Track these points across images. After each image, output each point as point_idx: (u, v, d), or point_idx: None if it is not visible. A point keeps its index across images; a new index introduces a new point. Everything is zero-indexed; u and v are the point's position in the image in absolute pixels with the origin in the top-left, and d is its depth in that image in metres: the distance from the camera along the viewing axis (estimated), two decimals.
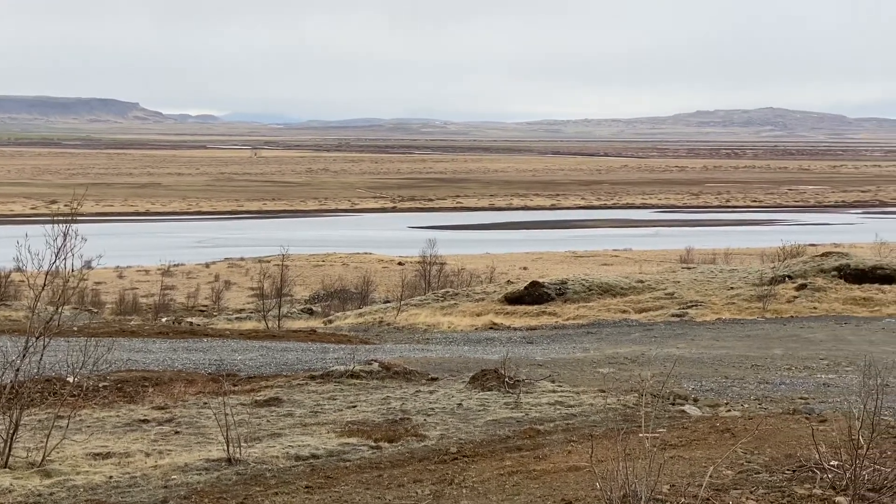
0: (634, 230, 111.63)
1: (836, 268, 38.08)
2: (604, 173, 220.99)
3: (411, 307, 38.48)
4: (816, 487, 10.58)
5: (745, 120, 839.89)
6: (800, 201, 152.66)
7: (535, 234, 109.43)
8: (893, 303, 34.16)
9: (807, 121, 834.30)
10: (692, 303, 35.66)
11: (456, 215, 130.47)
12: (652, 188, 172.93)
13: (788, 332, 27.46)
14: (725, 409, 15.58)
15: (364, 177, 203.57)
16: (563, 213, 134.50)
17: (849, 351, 22.61)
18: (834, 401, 15.97)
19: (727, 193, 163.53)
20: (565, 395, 16.52)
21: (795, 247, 52.43)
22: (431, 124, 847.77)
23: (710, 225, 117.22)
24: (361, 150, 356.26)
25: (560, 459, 12.24)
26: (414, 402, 16.05)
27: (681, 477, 10.98)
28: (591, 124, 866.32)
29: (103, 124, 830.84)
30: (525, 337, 28.35)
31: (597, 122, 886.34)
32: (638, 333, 28.10)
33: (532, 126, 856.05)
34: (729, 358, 21.96)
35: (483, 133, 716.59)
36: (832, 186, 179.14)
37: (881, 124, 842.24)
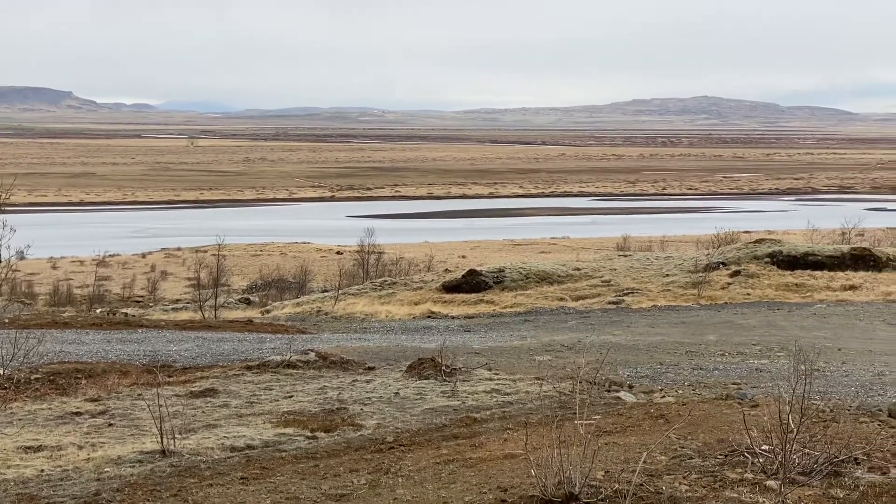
0: (572, 218, 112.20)
1: (769, 254, 38.58)
2: (541, 162, 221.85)
3: (349, 296, 38.39)
4: (748, 472, 10.72)
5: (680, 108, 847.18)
6: (734, 189, 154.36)
7: (474, 222, 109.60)
8: (825, 288, 34.68)
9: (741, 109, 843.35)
10: (628, 290, 35.95)
11: (394, 204, 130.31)
12: (589, 176, 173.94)
13: (722, 318, 27.76)
14: (660, 396, 15.74)
15: (302, 166, 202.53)
16: (502, 202, 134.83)
17: (781, 336, 22.91)
18: (766, 386, 16.18)
19: (663, 181, 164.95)
20: (502, 383, 16.59)
21: (729, 234, 53.09)
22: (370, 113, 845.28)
23: (647, 213, 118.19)
24: (299, 140, 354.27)
25: (496, 447, 12.29)
26: (351, 391, 16.02)
27: (615, 463, 11.07)
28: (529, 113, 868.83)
29: (36, 113, 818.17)
30: (463, 325, 28.38)
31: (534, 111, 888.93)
32: (575, 321, 28.25)
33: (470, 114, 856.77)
34: (664, 344, 22.16)
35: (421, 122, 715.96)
36: (766, 174, 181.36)
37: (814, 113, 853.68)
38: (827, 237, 57.28)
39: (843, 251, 39.19)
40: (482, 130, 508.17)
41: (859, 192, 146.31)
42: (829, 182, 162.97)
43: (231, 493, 10.62)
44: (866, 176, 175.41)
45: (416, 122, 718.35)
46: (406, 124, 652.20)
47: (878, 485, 10.28)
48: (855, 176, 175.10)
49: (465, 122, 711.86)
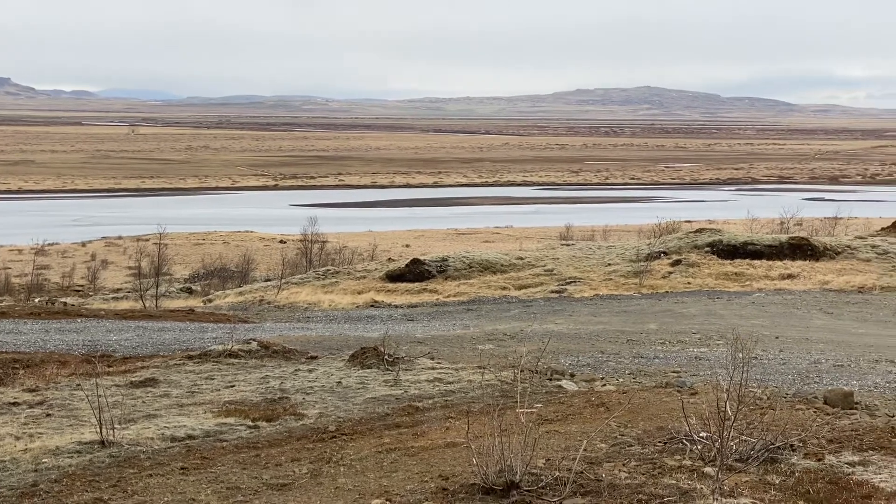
0: (516, 207, 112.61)
1: (710, 244, 39.00)
2: (485, 151, 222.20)
3: (292, 285, 38.26)
4: (686, 459, 10.84)
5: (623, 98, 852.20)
6: (676, 179, 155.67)
7: (418, 211, 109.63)
8: (763, 277, 35.11)
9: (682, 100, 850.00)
10: (571, 279, 36.17)
11: (338, 193, 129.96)
12: (533, 166, 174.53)
13: (663, 307, 28.01)
14: (601, 384, 15.85)
15: (245, 154, 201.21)
16: (445, 191, 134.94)
17: (720, 325, 23.16)
18: (705, 374, 16.35)
19: (606, 171, 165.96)
20: (444, 372, 16.62)
21: (671, 223, 53.60)
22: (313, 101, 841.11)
23: (590, 202, 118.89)
24: (242, 128, 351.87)
25: (438, 436, 12.32)
26: (293, 380, 15.98)
27: (556, 451, 11.15)
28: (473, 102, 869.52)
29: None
30: (406, 314, 28.39)
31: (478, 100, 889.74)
32: (517, 310, 28.36)
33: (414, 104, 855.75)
34: (605, 333, 22.32)
35: (365, 111, 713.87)
36: (707, 164, 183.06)
37: (753, 103, 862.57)
38: (766, 227, 58.02)
39: (781, 241, 39.70)
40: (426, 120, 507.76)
41: (798, 183, 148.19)
42: (768, 172, 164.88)
43: (171, 483, 10.56)
44: (805, 166, 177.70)
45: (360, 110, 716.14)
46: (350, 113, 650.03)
47: (814, 471, 10.44)
48: (794, 166, 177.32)
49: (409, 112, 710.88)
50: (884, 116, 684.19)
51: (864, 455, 11.09)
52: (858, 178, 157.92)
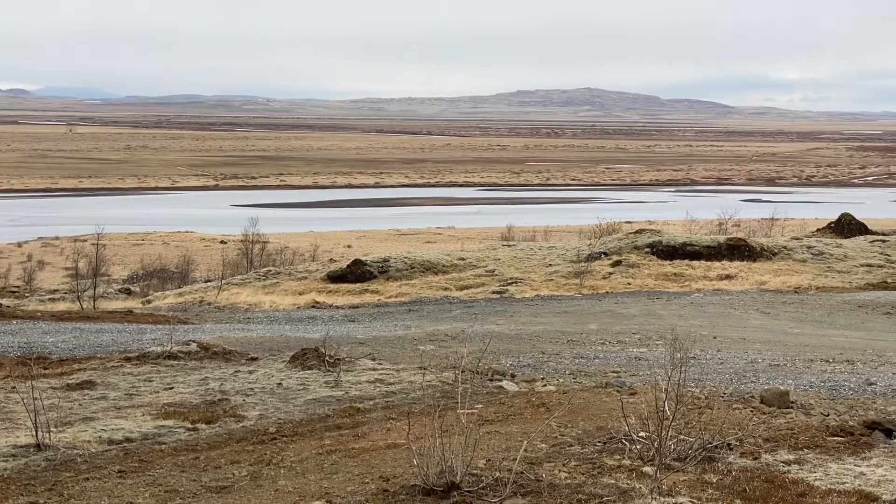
0: (458, 208, 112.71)
1: (649, 244, 39.32)
2: (427, 151, 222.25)
3: (233, 286, 38.00)
4: (625, 458, 10.92)
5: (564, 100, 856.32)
6: (616, 180, 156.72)
7: (360, 212, 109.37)
8: (702, 278, 35.48)
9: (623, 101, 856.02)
10: (512, 280, 36.29)
11: (280, 193, 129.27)
12: (474, 166, 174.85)
13: (604, 307, 28.20)
14: (542, 384, 15.92)
15: (185, 154, 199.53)
16: (387, 192, 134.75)
17: (659, 325, 23.37)
18: (644, 374, 16.49)
19: (547, 172, 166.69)
20: (386, 373, 16.61)
21: (611, 224, 53.96)
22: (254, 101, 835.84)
23: (531, 203, 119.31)
24: (182, 127, 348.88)
25: (379, 437, 12.31)
26: (233, 382, 15.88)
27: (497, 451, 11.18)
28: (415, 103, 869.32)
29: None
30: (347, 315, 28.34)
31: (420, 101, 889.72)
32: (459, 310, 28.42)
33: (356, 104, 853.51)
34: (546, 334, 22.43)
35: (306, 111, 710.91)
36: (647, 165, 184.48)
37: (692, 105, 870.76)
38: (705, 227, 58.63)
39: (719, 241, 40.13)
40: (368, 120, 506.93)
41: (736, 184, 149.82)
42: (707, 174, 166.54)
43: (108, 486, 10.44)
44: (742, 168, 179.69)
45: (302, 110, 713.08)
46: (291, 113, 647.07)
47: (750, 469, 10.57)
48: (732, 168, 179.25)
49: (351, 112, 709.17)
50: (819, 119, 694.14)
51: (799, 454, 11.25)
52: (794, 179, 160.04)
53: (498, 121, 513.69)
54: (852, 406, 14.04)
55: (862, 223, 48.82)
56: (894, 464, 10.96)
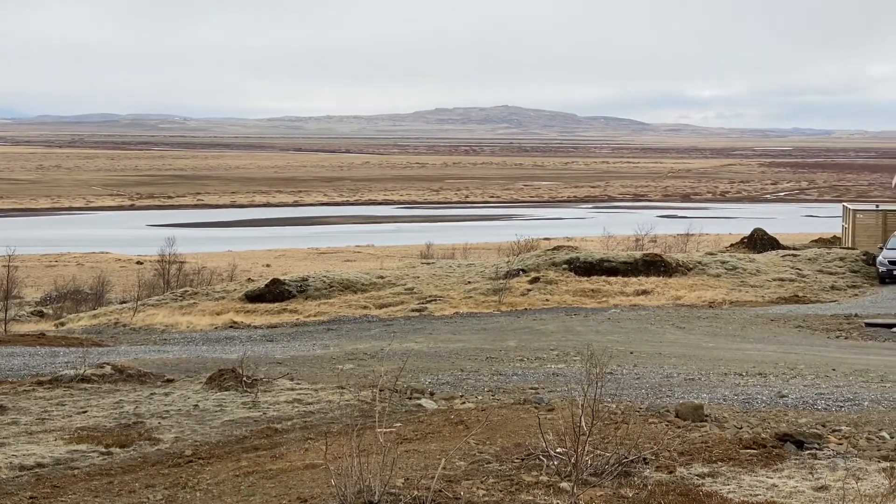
0: (377, 226, 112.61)
1: (567, 261, 39.65)
2: (346, 170, 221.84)
3: (149, 307, 37.55)
4: (543, 474, 10.98)
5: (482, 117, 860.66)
6: (535, 197, 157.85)
7: (279, 231, 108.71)
8: (619, 294, 35.86)
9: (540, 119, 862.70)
10: (431, 297, 36.34)
11: (197, 213, 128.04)
12: (393, 184, 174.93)
13: (522, 324, 28.37)
14: (460, 402, 15.95)
15: (100, 174, 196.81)
16: (306, 210, 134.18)
17: (577, 341, 23.56)
18: (562, 390, 16.59)
19: (466, 189, 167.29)
20: (304, 393, 16.52)
21: (530, 241, 54.30)
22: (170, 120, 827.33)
23: (451, 220, 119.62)
24: (97, 147, 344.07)
25: (297, 458, 12.23)
26: (148, 404, 15.67)
27: (415, 470, 11.17)
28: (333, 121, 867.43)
29: None
30: (266, 335, 28.16)
31: (338, 119, 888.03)
32: (378, 329, 28.39)
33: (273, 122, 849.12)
34: (465, 351, 22.49)
35: (224, 129, 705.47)
36: (564, 182, 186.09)
37: (609, 122, 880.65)
38: (622, 244, 59.29)
39: (636, 257, 40.61)
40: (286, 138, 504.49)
41: (652, 200, 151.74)
42: (623, 190, 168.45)
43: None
44: (658, 184, 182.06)
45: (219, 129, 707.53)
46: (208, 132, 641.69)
47: (665, 483, 10.69)
48: (648, 184, 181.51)
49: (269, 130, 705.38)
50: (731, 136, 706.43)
51: (713, 467, 11.40)
52: (709, 195, 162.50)
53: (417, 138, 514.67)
54: (765, 418, 14.28)
55: (774, 238, 49.79)
56: (805, 475, 11.16)
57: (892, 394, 16.50)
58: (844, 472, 11.11)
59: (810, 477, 11.07)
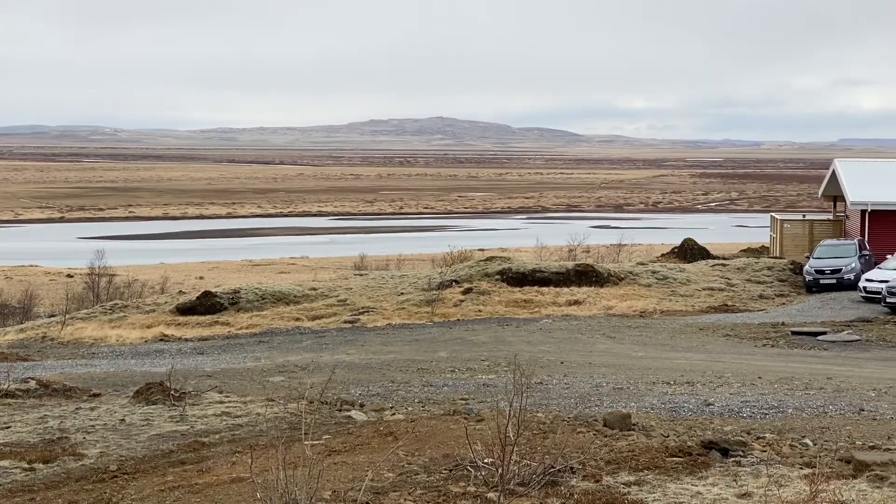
0: (311, 238, 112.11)
1: (500, 271, 39.75)
2: (280, 181, 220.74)
3: (78, 321, 37.03)
4: (470, 485, 11.00)
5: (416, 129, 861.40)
6: (469, 207, 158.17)
7: (212, 242, 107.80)
8: (551, 304, 36.03)
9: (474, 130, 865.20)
10: (364, 309, 36.26)
11: (128, 225, 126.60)
12: (328, 196, 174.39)
13: (454, 335, 28.41)
14: (390, 413, 15.94)
15: (29, 186, 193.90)
16: (240, 222, 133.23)
17: (508, 351, 23.64)
18: (492, 400, 16.64)
19: (401, 201, 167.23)
20: (233, 406, 16.41)
21: (463, 252, 54.34)
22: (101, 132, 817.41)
23: (385, 231, 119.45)
24: (26, 159, 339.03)
25: (224, 471, 12.13)
26: (74, 419, 15.46)
27: (343, 482, 11.13)
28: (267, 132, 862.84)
29: None
30: (196, 348, 27.92)
31: (272, 131, 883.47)
32: (310, 341, 28.28)
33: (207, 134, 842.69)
34: (397, 362, 22.48)
35: (156, 141, 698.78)
36: (499, 193, 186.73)
37: (543, 134, 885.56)
38: (555, 254, 59.61)
39: (568, 268, 40.83)
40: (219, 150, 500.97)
41: (585, 211, 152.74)
42: (557, 201, 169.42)
43: None
44: (591, 195, 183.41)
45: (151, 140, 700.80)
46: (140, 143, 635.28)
47: (592, 492, 10.76)
48: (581, 195, 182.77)
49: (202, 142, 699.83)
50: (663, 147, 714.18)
51: (639, 475, 11.50)
52: (641, 206, 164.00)
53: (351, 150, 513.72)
54: (691, 427, 14.44)
55: (704, 248, 50.34)
56: (729, 482, 11.30)
57: (816, 401, 16.78)
58: (767, 479, 11.27)
59: (734, 484, 11.21)
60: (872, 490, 10.94)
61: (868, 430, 14.42)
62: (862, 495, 10.69)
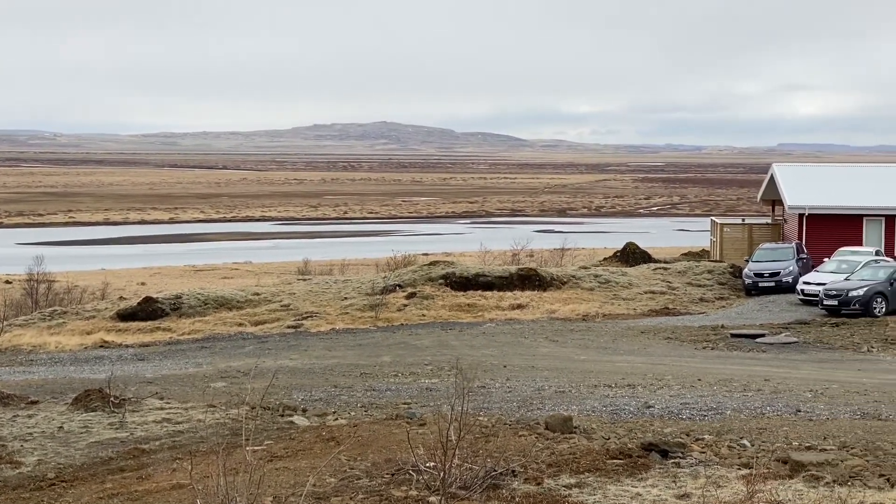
0: (255, 243, 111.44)
1: (443, 276, 39.81)
2: (223, 186, 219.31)
3: (15, 328, 36.55)
4: (412, 489, 11.02)
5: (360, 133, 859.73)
6: (413, 212, 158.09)
7: (154, 248, 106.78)
8: (495, 308, 36.14)
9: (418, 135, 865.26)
10: (308, 314, 36.15)
11: (69, 230, 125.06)
12: (272, 201, 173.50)
13: (398, 339, 28.41)
14: (333, 418, 15.92)
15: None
16: (183, 227, 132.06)
17: (452, 355, 23.68)
18: (435, 404, 16.69)
19: (345, 205, 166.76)
20: (174, 412, 16.29)
21: (407, 256, 54.34)
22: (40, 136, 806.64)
23: (329, 236, 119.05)
24: None
25: (164, 478, 12.06)
26: (10, 427, 15.27)
27: (284, 487, 11.11)
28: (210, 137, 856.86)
29: None
30: (137, 354, 27.68)
31: (215, 135, 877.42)
32: (253, 346, 28.15)
33: (148, 138, 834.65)
34: (340, 367, 22.44)
35: (97, 145, 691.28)
36: (443, 198, 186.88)
37: (486, 139, 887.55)
38: (499, 258, 59.74)
39: (511, 272, 40.98)
40: (161, 154, 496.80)
41: (529, 215, 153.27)
42: (501, 205, 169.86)
43: None
44: (535, 199, 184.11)
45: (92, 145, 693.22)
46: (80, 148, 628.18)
47: (533, 495, 10.82)
48: (525, 199, 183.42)
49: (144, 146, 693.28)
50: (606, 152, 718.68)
51: (580, 477, 11.58)
52: (584, 210, 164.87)
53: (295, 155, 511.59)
54: (632, 429, 14.57)
55: (646, 252, 50.79)
56: (669, 483, 11.42)
57: (754, 403, 17.00)
58: (706, 480, 11.40)
59: (673, 485, 11.33)
60: (808, 490, 11.11)
61: (804, 430, 14.63)
62: (798, 495, 10.85)
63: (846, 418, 15.72)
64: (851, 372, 21.83)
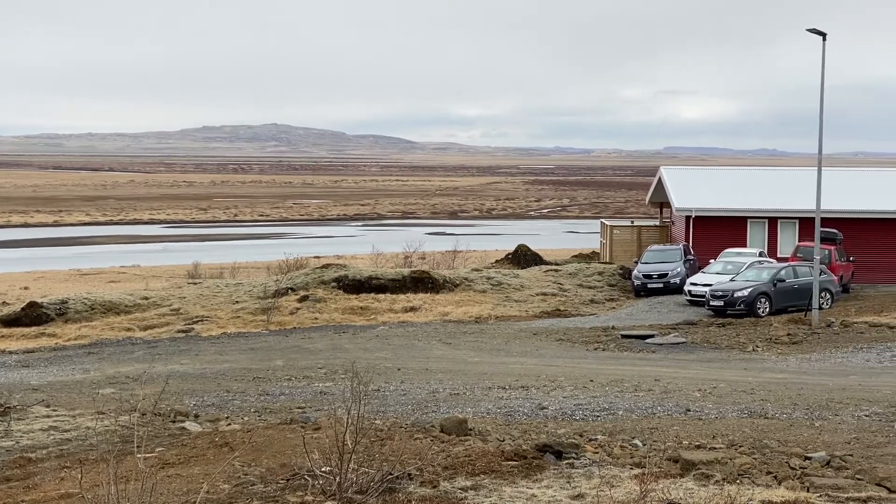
0: (143, 246, 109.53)
1: (336, 279, 39.66)
2: (110, 188, 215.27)
3: None
4: (308, 494, 10.95)
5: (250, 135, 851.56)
6: (305, 215, 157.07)
7: (37, 251, 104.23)
8: (388, 311, 36.12)
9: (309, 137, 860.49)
10: (198, 318, 35.69)
11: None
12: (160, 203, 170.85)
13: (291, 343, 28.20)
14: (226, 423, 15.73)
15: None
16: (68, 230, 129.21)
17: (345, 359, 23.60)
18: (329, 408, 16.60)
19: (235, 208, 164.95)
20: (61, 420, 15.94)
21: (299, 259, 53.96)
22: None
23: (219, 239, 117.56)
24: None
25: (52, 488, 11.78)
26: None
27: (177, 495, 10.95)
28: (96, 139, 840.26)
29: None
30: (21, 360, 26.98)
31: (101, 137, 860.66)
32: (142, 351, 27.67)
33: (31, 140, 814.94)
34: (232, 372, 22.19)
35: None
36: (334, 200, 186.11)
37: (378, 141, 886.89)
38: (391, 261, 59.67)
39: (404, 274, 41.00)
40: (45, 156, 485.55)
41: (421, 217, 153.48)
42: (393, 208, 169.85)
43: None
44: (427, 201, 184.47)
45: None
46: None
47: (429, 498, 10.84)
48: (416, 202, 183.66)
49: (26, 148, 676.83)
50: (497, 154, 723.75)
51: (476, 479, 11.63)
52: (476, 212, 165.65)
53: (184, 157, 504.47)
54: (526, 430, 14.68)
55: (537, 254, 51.27)
56: (563, 484, 11.53)
57: (645, 403, 17.26)
58: (600, 480, 11.55)
59: (568, 486, 11.44)
60: (699, 488, 11.32)
61: (694, 429, 14.91)
62: (689, 493, 11.05)
63: (734, 417, 16.06)
64: (738, 371, 22.31)
